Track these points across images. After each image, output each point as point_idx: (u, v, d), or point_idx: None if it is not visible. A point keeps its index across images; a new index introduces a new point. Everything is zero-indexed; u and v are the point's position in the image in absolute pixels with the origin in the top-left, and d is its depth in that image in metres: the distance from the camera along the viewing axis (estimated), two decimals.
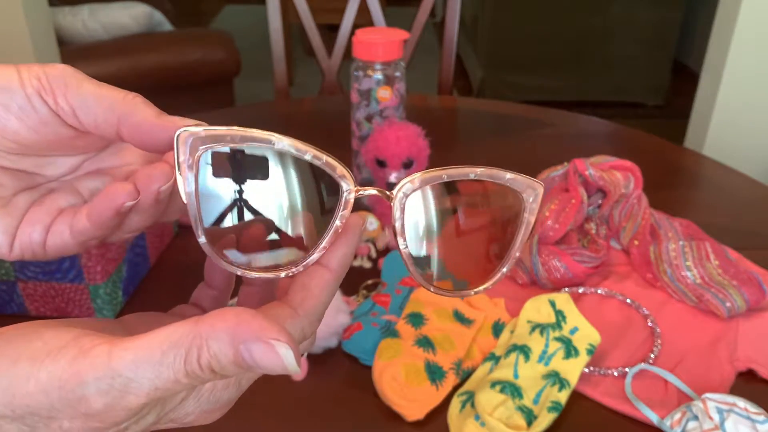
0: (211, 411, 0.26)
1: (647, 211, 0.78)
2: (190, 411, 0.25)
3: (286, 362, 0.22)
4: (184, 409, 0.25)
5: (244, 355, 0.22)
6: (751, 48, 1.64)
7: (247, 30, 3.86)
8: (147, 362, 0.21)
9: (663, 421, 0.54)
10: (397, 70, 0.81)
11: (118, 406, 0.22)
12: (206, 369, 0.22)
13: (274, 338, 0.22)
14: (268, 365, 0.22)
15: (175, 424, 0.26)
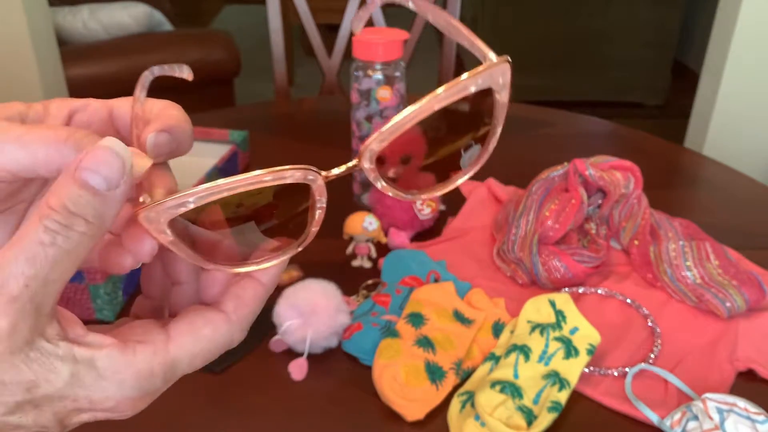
0: (136, 399, 0.24)
1: (647, 211, 0.78)
2: (110, 395, 0.23)
3: (116, 148, 0.22)
4: (100, 389, 0.23)
5: (82, 175, 0.21)
6: (751, 48, 1.64)
7: (248, 30, 3.86)
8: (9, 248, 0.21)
9: (663, 421, 0.54)
10: (397, 70, 0.81)
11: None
12: (59, 208, 0.21)
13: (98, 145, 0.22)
14: (102, 164, 0.22)
15: (96, 412, 0.24)
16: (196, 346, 0.25)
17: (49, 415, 0.23)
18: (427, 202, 0.79)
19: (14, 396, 0.22)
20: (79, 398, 0.23)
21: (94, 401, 0.23)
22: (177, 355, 0.25)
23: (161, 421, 0.56)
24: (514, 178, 0.89)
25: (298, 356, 0.61)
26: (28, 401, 0.22)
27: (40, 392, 0.22)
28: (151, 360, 0.24)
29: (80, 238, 0.22)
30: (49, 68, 1.73)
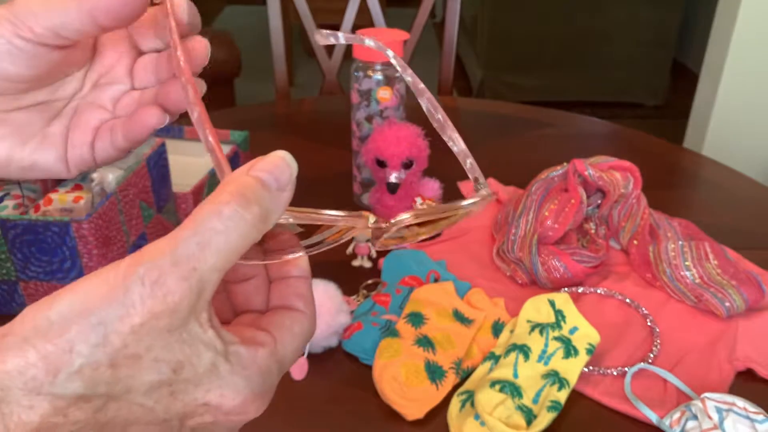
0: (258, 395, 0.25)
1: (646, 211, 0.78)
2: (239, 389, 0.24)
3: (287, 160, 0.24)
4: (230, 382, 0.24)
5: (257, 174, 0.23)
6: (751, 48, 1.64)
7: (248, 30, 3.86)
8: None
9: (662, 421, 0.54)
10: (397, 71, 0.81)
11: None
12: (236, 196, 0.23)
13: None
14: (276, 168, 0.24)
15: (218, 414, 0.24)
16: (293, 344, 0.27)
17: (179, 406, 0.23)
18: (427, 202, 0.79)
19: (160, 374, 0.22)
20: (212, 390, 0.24)
21: (223, 396, 0.24)
22: (283, 353, 0.26)
23: None
24: (513, 178, 0.89)
25: None
26: (168, 384, 0.23)
27: (183, 375, 0.23)
28: (269, 358, 0.25)
29: (249, 229, 0.23)
30: None
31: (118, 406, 0.23)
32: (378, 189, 0.80)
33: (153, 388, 0.23)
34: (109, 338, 0.22)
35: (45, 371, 0.21)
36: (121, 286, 0.22)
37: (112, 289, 0.22)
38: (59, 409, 0.22)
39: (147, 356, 0.22)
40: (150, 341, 0.22)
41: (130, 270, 0.22)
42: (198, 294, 0.22)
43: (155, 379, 0.23)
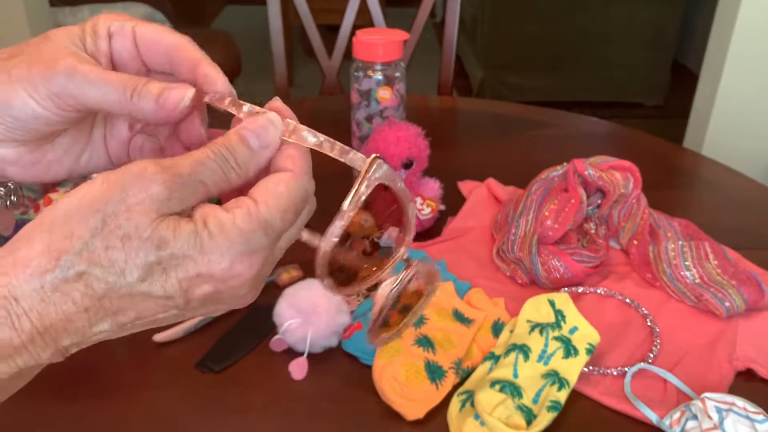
0: (245, 254, 0.28)
1: (646, 211, 0.78)
2: (224, 252, 0.27)
3: (272, 118, 0.30)
4: (213, 248, 0.27)
5: (243, 132, 0.29)
6: (750, 48, 1.64)
7: (248, 30, 3.86)
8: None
9: (662, 421, 0.54)
10: (397, 71, 0.81)
11: None
12: (221, 144, 0.29)
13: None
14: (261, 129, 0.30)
15: (216, 282, 0.27)
16: (280, 202, 0.29)
17: (174, 281, 0.27)
18: (427, 202, 0.79)
19: (147, 254, 0.26)
20: (199, 261, 0.27)
21: (210, 261, 0.27)
22: (267, 213, 0.28)
23: (161, 420, 0.56)
24: (513, 178, 0.89)
25: (298, 355, 0.61)
26: (157, 262, 0.26)
27: (168, 251, 0.26)
28: (249, 219, 0.28)
29: (230, 169, 0.29)
30: None
31: (119, 295, 0.26)
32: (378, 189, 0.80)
33: (144, 272, 0.26)
34: (106, 221, 0.25)
35: (48, 258, 0.25)
36: (122, 179, 0.26)
37: (113, 183, 0.26)
38: (65, 294, 0.25)
39: (134, 235, 0.25)
40: (139, 219, 0.25)
41: (133, 165, 0.26)
42: (187, 196, 0.27)
43: (143, 260, 0.26)
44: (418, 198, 0.79)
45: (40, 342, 0.25)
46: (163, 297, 0.27)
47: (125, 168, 0.26)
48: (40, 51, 0.30)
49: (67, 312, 0.25)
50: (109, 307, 0.26)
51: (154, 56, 0.33)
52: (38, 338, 0.25)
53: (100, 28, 0.32)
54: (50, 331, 0.25)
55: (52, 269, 0.25)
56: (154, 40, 0.33)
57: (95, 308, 0.26)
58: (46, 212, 0.26)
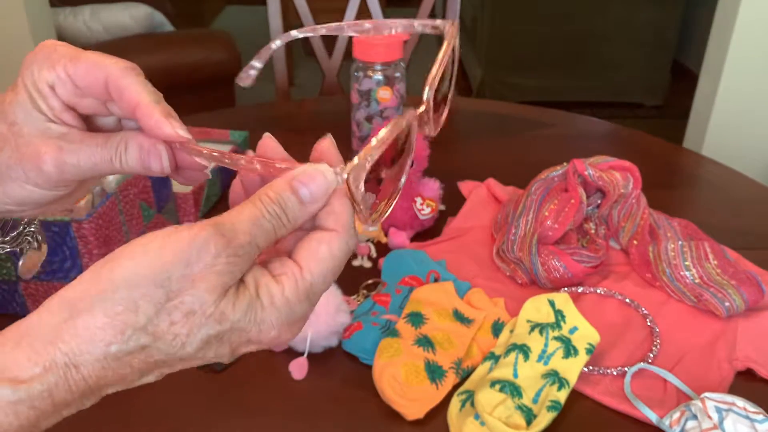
0: (292, 323, 0.28)
1: (646, 211, 0.78)
2: (274, 323, 0.28)
3: (324, 171, 0.29)
4: (264, 319, 0.27)
5: (295, 185, 0.28)
6: (750, 48, 1.64)
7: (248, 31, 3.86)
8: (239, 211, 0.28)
9: (662, 421, 0.54)
10: (397, 71, 0.81)
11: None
12: (275, 200, 0.28)
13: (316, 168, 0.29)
14: (314, 182, 0.28)
15: (261, 344, 0.28)
16: (323, 266, 0.29)
17: (227, 347, 0.28)
18: (427, 202, 0.80)
19: (209, 329, 0.26)
20: (251, 330, 0.28)
21: (261, 331, 0.28)
22: (311, 279, 0.28)
23: (161, 420, 0.56)
24: (513, 178, 0.89)
25: (298, 355, 0.61)
26: (216, 335, 0.27)
27: (227, 325, 0.27)
28: (296, 290, 0.28)
29: (282, 227, 0.28)
30: None
31: (175, 360, 0.27)
32: None
33: (204, 342, 0.27)
34: (170, 296, 0.26)
35: (113, 331, 0.25)
36: (186, 251, 0.26)
37: (177, 254, 0.26)
38: (126, 362, 0.26)
39: (199, 311, 0.26)
40: (204, 297, 0.26)
41: (196, 234, 0.26)
42: (248, 264, 0.27)
43: (205, 334, 0.26)
44: (418, 198, 0.79)
45: (90, 396, 0.27)
46: (213, 358, 0.28)
47: (189, 235, 0.26)
48: (20, 150, 0.31)
49: (124, 375, 0.26)
50: (162, 367, 0.28)
51: (96, 94, 0.32)
52: (89, 393, 0.26)
53: (42, 87, 0.32)
54: (103, 388, 0.27)
55: (117, 342, 0.25)
56: (88, 80, 0.32)
57: (150, 369, 0.27)
58: (104, 275, 0.26)
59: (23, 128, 0.32)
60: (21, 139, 0.32)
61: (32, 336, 0.25)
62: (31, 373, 0.25)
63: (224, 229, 0.27)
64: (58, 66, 0.31)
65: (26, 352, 0.25)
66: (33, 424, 0.25)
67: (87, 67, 0.31)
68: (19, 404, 0.24)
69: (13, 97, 0.32)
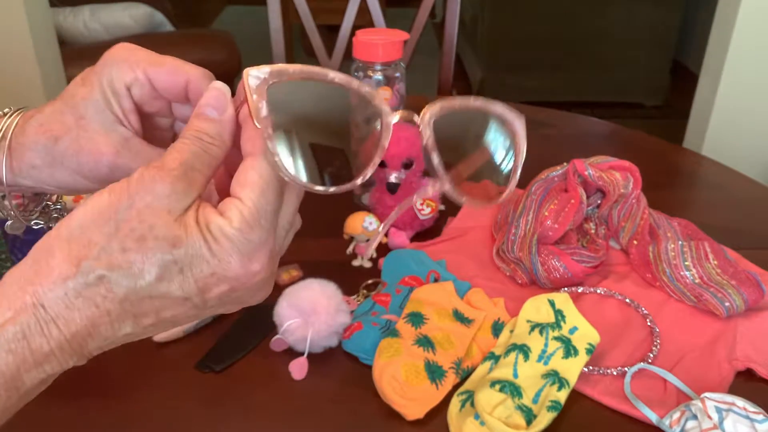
0: (252, 252, 0.29)
1: (646, 211, 0.78)
2: (231, 253, 0.28)
3: (214, 83, 0.31)
4: (220, 250, 0.28)
5: (202, 110, 0.31)
6: (750, 49, 1.64)
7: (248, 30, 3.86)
8: None
9: (662, 421, 0.54)
10: (397, 71, 0.81)
11: None
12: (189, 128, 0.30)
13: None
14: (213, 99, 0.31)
15: (230, 281, 0.28)
16: (257, 188, 0.29)
17: (191, 281, 0.28)
18: (427, 202, 0.80)
19: (163, 252, 0.27)
20: (211, 262, 0.28)
21: (221, 261, 0.28)
22: (252, 203, 0.29)
23: (161, 420, 0.56)
24: None
25: (298, 355, 0.61)
26: (173, 261, 0.27)
27: (182, 249, 0.27)
28: (242, 218, 0.29)
29: (208, 145, 0.30)
30: (50, 68, 1.73)
31: (139, 297, 0.27)
32: (378, 189, 0.80)
33: (161, 267, 0.27)
34: (119, 226, 0.27)
35: (68, 265, 0.26)
36: (126, 187, 0.27)
37: (119, 192, 0.27)
38: (88, 299, 0.26)
39: (150, 235, 0.27)
40: (152, 220, 0.27)
41: (132, 175, 0.28)
42: (187, 186, 0.28)
43: (160, 259, 0.27)
44: (418, 198, 0.79)
45: (68, 349, 0.27)
46: (181, 297, 0.28)
47: (127, 177, 0.28)
48: (80, 142, 0.34)
49: (91, 317, 0.27)
50: (130, 309, 0.27)
51: (173, 97, 0.35)
52: (66, 345, 0.27)
53: (118, 86, 0.34)
54: (77, 337, 0.27)
55: (73, 276, 0.26)
56: (169, 84, 0.34)
57: (117, 311, 0.27)
58: (62, 224, 0.27)
59: (90, 124, 0.34)
60: (84, 133, 0.34)
61: (4, 286, 0.27)
62: (5, 317, 0.26)
63: (155, 163, 0.28)
64: (138, 69, 0.34)
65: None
66: (14, 375, 0.26)
67: (168, 71, 0.34)
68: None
69: (86, 94, 0.34)
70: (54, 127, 0.34)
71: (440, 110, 0.33)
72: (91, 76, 0.34)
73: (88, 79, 0.34)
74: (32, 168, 0.35)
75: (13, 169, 0.35)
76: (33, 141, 0.34)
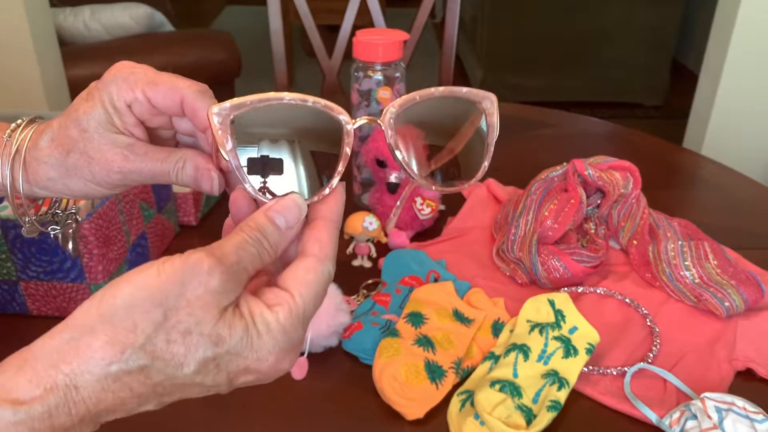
0: (288, 350, 0.30)
1: (646, 211, 0.78)
2: (271, 350, 0.29)
3: (296, 199, 0.32)
4: (261, 346, 0.28)
5: (271, 215, 0.31)
6: (750, 48, 1.64)
7: (248, 31, 3.86)
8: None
9: (662, 420, 0.54)
10: (397, 71, 0.81)
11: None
12: (255, 228, 0.31)
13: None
14: (287, 210, 0.32)
15: (259, 374, 0.29)
16: (310, 291, 0.30)
17: (225, 375, 0.28)
18: (427, 202, 0.80)
19: (205, 350, 0.27)
20: (248, 357, 0.28)
21: (259, 359, 0.29)
22: (303, 303, 0.30)
23: (161, 420, 0.56)
24: (513, 178, 0.89)
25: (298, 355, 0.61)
26: (213, 358, 0.28)
27: (224, 348, 0.28)
28: (290, 316, 0.29)
29: (264, 251, 0.31)
30: (51, 68, 1.73)
31: (172, 384, 0.28)
32: (378, 189, 0.80)
33: (201, 363, 0.27)
34: (167, 315, 0.27)
35: (113, 351, 0.26)
36: (180, 272, 0.27)
37: (171, 275, 0.27)
38: (125, 384, 0.26)
39: (195, 330, 0.27)
40: (200, 316, 0.27)
41: (189, 256, 0.28)
42: (237, 283, 0.29)
43: (201, 355, 0.27)
44: (418, 198, 0.79)
45: (88, 421, 0.27)
46: (211, 386, 0.29)
47: (181, 259, 0.28)
48: (89, 153, 0.36)
49: (123, 398, 0.27)
50: (161, 392, 0.28)
51: (172, 113, 0.37)
52: (87, 418, 0.27)
53: (121, 106, 0.35)
54: (101, 414, 0.27)
55: (117, 362, 0.26)
56: (166, 102, 0.35)
57: (147, 394, 0.27)
58: (105, 299, 0.27)
59: (93, 135, 0.36)
60: (90, 144, 0.36)
61: (35, 359, 0.26)
62: (32, 394, 0.25)
63: (213, 251, 0.28)
64: (136, 89, 0.35)
65: (28, 375, 0.26)
66: None
67: (165, 91, 0.35)
68: (19, 425, 0.25)
69: (88, 109, 0.35)
70: (63, 142, 0.36)
71: (399, 107, 0.34)
72: (94, 92, 0.36)
73: (91, 95, 0.36)
74: (48, 180, 0.37)
75: (29, 181, 0.38)
76: (47, 155, 0.37)
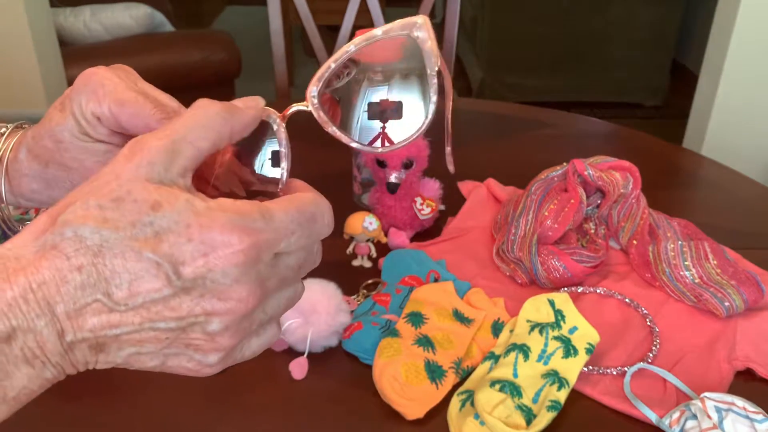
0: (245, 229, 0.27)
1: (646, 211, 0.78)
2: (217, 217, 0.27)
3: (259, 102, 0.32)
4: (208, 217, 0.27)
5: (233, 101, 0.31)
6: (750, 48, 1.64)
7: (248, 31, 3.86)
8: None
9: (662, 420, 0.54)
10: None
11: None
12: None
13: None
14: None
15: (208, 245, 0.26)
16: (287, 203, 0.29)
17: (165, 247, 0.26)
18: (427, 202, 0.80)
19: (140, 213, 0.26)
20: (192, 225, 0.26)
21: (202, 226, 0.26)
22: (270, 204, 0.28)
23: (162, 420, 0.56)
24: (513, 178, 0.89)
25: (298, 355, 0.61)
26: (149, 223, 0.26)
27: (160, 213, 0.26)
28: (250, 204, 0.28)
29: (214, 115, 0.29)
30: (51, 69, 1.73)
31: (112, 254, 0.26)
32: (378, 189, 0.81)
33: (136, 226, 0.26)
34: (100, 188, 0.27)
35: (47, 221, 0.27)
36: (108, 164, 0.28)
37: (102, 170, 0.28)
38: (61, 250, 0.26)
39: (128, 198, 0.26)
40: (129, 186, 0.27)
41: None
42: (171, 153, 0.28)
43: (136, 218, 0.26)
44: (418, 198, 0.79)
45: (33, 301, 0.25)
46: (154, 261, 0.26)
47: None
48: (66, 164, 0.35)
49: (60, 268, 0.25)
50: (102, 270, 0.26)
51: (140, 132, 0.34)
52: (31, 296, 0.25)
53: (90, 118, 0.34)
54: (42, 288, 0.25)
55: (50, 229, 0.26)
56: (133, 123, 0.34)
57: (88, 267, 0.26)
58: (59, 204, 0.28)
59: (69, 146, 0.35)
60: (67, 154, 0.35)
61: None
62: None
63: (157, 131, 0.28)
64: (104, 104, 0.33)
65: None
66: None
67: (130, 114, 0.33)
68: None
69: (61, 121, 0.34)
70: (39, 153, 0.36)
71: (318, 81, 0.34)
72: (66, 102, 0.34)
73: (63, 105, 0.35)
74: (32, 192, 0.37)
75: (13, 192, 0.37)
76: (26, 167, 0.36)
